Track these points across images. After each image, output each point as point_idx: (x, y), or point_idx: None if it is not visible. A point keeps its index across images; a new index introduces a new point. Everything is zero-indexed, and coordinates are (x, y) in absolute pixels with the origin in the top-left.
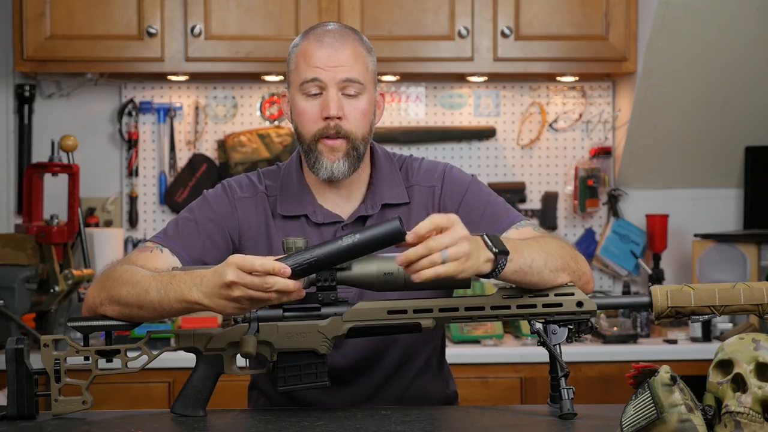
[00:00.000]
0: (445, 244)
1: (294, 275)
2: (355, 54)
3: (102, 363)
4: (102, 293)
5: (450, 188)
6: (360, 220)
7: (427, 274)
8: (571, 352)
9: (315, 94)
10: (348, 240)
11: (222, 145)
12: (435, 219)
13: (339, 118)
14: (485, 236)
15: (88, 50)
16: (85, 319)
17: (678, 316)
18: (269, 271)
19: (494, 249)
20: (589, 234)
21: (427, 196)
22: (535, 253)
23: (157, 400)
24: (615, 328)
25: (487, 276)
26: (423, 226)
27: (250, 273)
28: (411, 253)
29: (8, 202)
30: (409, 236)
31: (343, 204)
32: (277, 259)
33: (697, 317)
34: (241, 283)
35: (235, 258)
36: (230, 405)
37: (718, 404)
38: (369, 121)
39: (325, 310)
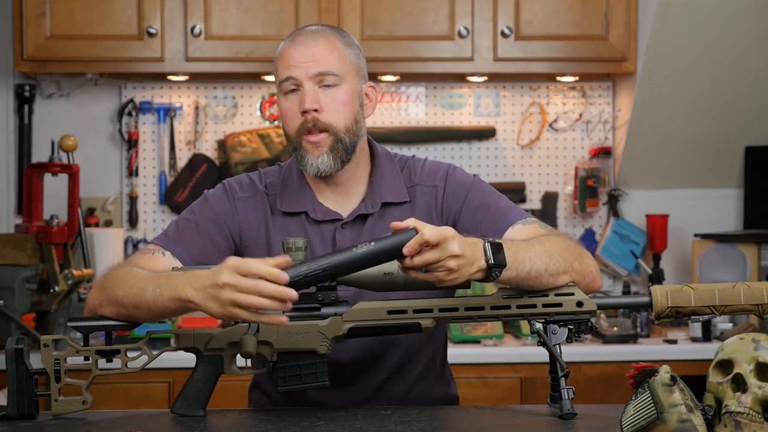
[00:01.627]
0: (432, 261)
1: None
2: (329, 47)
3: (102, 363)
4: (101, 295)
5: (453, 189)
6: (360, 219)
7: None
8: (571, 352)
9: (293, 92)
10: (363, 248)
11: (222, 145)
12: (426, 236)
13: (316, 110)
14: (487, 243)
15: (88, 50)
16: (85, 319)
17: (678, 316)
18: (264, 276)
19: (491, 260)
20: (589, 234)
21: (429, 195)
22: (537, 258)
23: (157, 400)
24: (615, 328)
25: (479, 281)
26: (412, 244)
27: (246, 276)
28: (407, 263)
29: (8, 202)
30: (405, 250)
31: (343, 202)
32: (289, 267)
33: (697, 317)
34: (232, 284)
35: (233, 260)
36: (230, 405)
37: (718, 404)
38: (352, 112)
39: (325, 310)
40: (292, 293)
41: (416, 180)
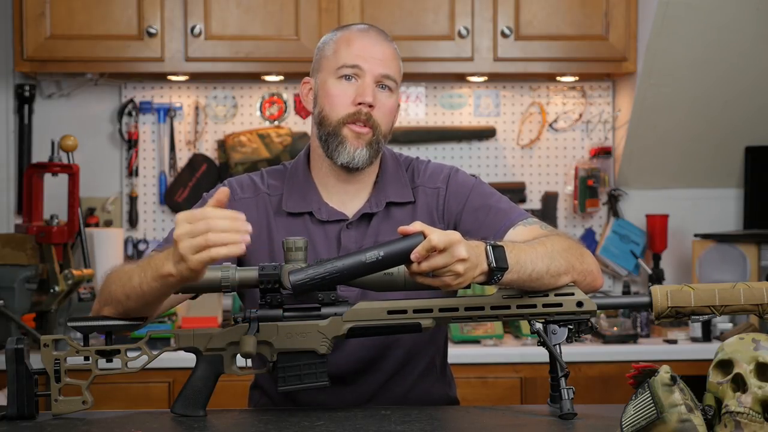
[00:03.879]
0: (439, 266)
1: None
2: (393, 54)
3: (102, 363)
4: (102, 297)
5: (454, 190)
6: (365, 218)
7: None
8: (571, 352)
9: (351, 81)
10: (372, 255)
11: (222, 145)
12: (433, 241)
13: (371, 106)
14: (489, 247)
15: (88, 50)
16: (85, 319)
17: (678, 316)
18: (215, 215)
19: (493, 264)
20: (589, 234)
21: (431, 197)
22: (538, 260)
23: (157, 400)
24: (615, 328)
25: (481, 284)
26: (423, 247)
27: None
28: (415, 268)
29: (8, 202)
30: (412, 256)
31: (348, 202)
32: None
33: (697, 317)
34: (185, 233)
35: (182, 213)
36: (230, 405)
37: (718, 404)
38: (392, 120)
39: (325, 310)
40: (242, 216)
41: (419, 181)
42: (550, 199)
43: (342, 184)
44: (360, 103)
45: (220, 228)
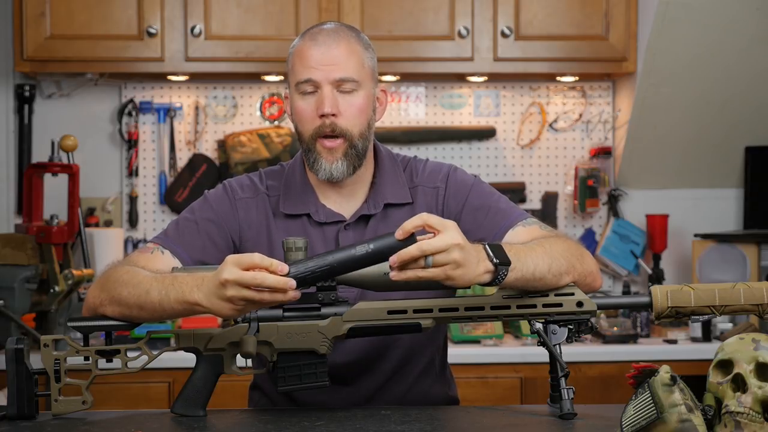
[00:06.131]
0: (435, 248)
1: (303, 282)
2: (349, 51)
3: (102, 363)
4: (102, 294)
5: (454, 190)
6: (362, 220)
7: (407, 274)
8: (571, 352)
9: (310, 93)
10: (362, 249)
11: (222, 145)
12: (424, 216)
13: (334, 115)
14: (487, 246)
15: (88, 50)
16: (85, 319)
17: (678, 316)
18: (267, 267)
19: (495, 260)
20: (589, 234)
21: (431, 196)
22: (539, 259)
23: (157, 400)
24: (615, 328)
25: (487, 285)
26: (410, 222)
27: (247, 270)
28: (403, 253)
29: (8, 202)
30: (398, 233)
31: (345, 203)
32: (289, 264)
33: (697, 317)
34: (233, 280)
35: (233, 256)
36: (230, 405)
37: (718, 404)
38: (366, 118)
39: (325, 310)
40: (292, 282)
41: (417, 181)
42: (550, 199)
43: (337, 188)
44: (322, 115)
45: (268, 283)
